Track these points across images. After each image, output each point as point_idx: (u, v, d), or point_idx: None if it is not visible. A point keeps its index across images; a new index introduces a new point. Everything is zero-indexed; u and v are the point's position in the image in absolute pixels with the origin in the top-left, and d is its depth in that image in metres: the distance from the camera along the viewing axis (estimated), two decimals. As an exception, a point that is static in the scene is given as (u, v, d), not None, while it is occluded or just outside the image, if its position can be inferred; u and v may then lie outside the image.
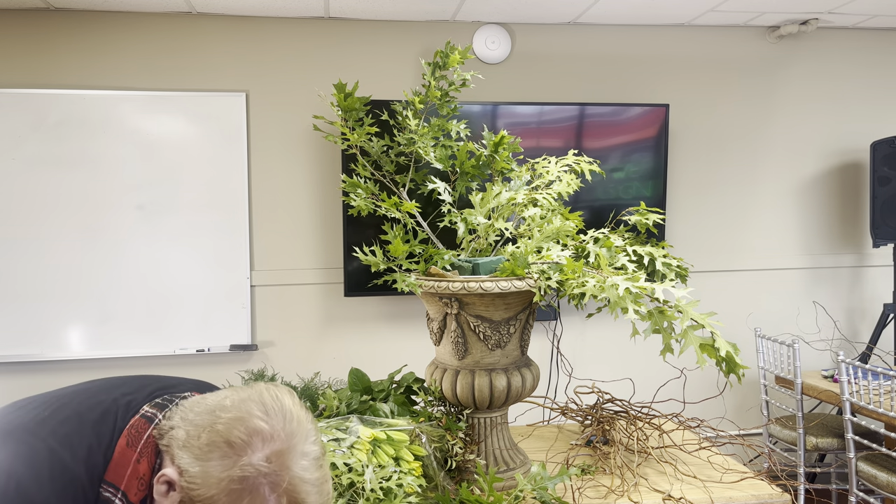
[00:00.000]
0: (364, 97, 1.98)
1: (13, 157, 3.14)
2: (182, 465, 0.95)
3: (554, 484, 1.64)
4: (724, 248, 3.70)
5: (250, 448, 0.94)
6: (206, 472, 0.93)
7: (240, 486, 0.93)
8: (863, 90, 3.74)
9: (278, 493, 0.95)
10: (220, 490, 0.93)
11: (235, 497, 0.93)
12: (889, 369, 2.74)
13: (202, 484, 0.93)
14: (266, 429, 0.96)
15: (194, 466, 0.94)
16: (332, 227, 3.38)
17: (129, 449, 0.98)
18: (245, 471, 0.93)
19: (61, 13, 3.19)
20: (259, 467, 0.94)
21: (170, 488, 0.97)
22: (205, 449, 0.94)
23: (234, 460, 0.93)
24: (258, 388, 1.01)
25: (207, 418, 0.97)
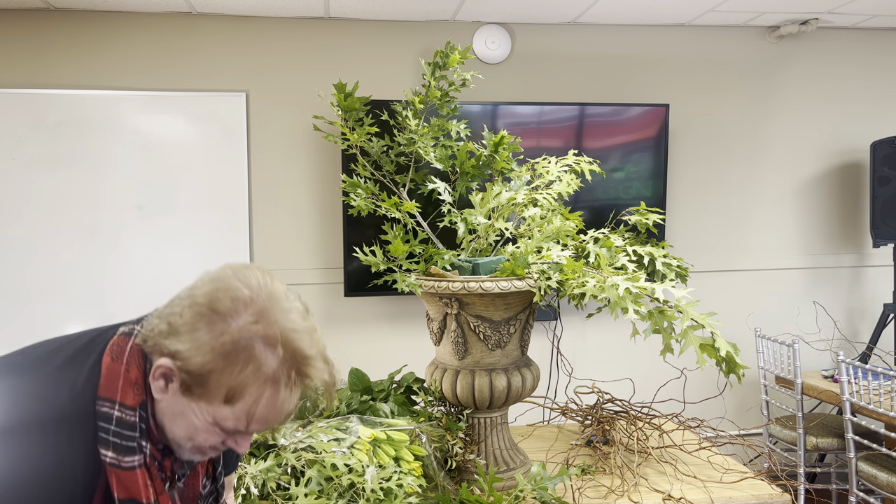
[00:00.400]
0: (364, 97, 1.98)
1: (13, 157, 3.14)
2: (172, 349, 0.93)
3: (554, 484, 1.64)
4: (724, 248, 3.70)
5: (235, 312, 0.93)
6: (196, 343, 0.92)
7: (233, 347, 0.91)
8: (863, 90, 3.74)
9: (274, 347, 0.94)
10: (214, 355, 0.91)
11: (232, 360, 0.92)
12: (889, 369, 2.74)
13: (196, 354, 0.92)
14: (246, 293, 0.95)
15: (184, 343, 0.92)
16: (332, 227, 3.38)
17: (115, 363, 0.97)
18: (235, 333, 0.92)
19: (61, 13, 3.19)
20: (248, 327, 0.93)
21: (167, 379, 0.95)
22: (191, 323, 0.93)
23: (223, 326, 0.92)
24: (227, 267, 1.00)
25: (186, 300, 0.95)
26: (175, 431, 0.99)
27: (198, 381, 0.93)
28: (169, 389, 0.96)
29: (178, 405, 0.96)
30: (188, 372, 0.92)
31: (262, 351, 0.93)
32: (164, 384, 0.96)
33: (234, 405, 0.94)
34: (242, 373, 0.92)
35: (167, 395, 0.96)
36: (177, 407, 0.96)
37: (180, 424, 0.97)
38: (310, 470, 1.51)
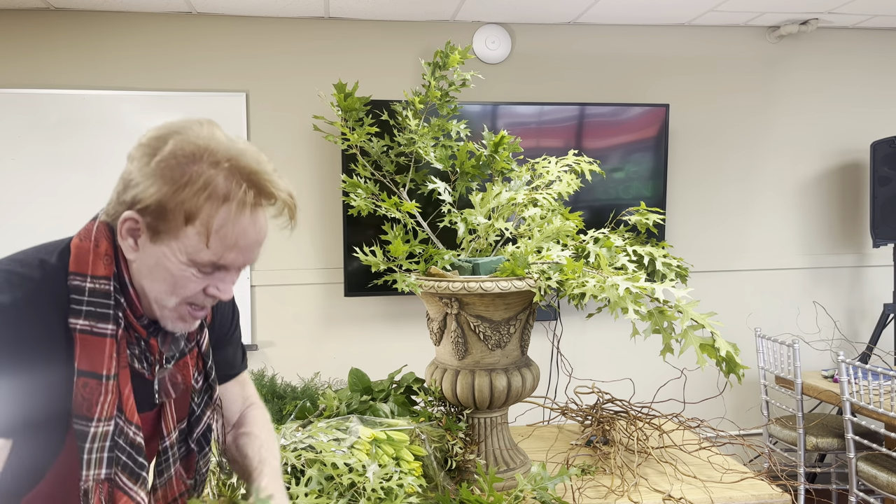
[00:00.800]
0: (364, 97, 1.98)
1: (13, 157, 3.14)
2: (129, 198, 0.94)
3: (554, 484, 1.64)
4: (724, 248, 3.70)
5: (177, 137, 0.94)
6: (145, 177, 0.93)
7: (176, 163, 0.92)
8: (863, 90, 3.74)
9: (217, 163, 0.93)
10: (162, 179, 0.92)
11: (177, 178, 0.92)
12: (889, 369, 2.74)
13: (147, 187, 0.92)
14: (190, 126, 0.95)
15: (137, 186, 0.94)
16: (332, 227, 3.38)
17: (84, 242, 0.98)
18: (176, 151, 0.92)
19: (61, 13, 3.19)
20: (189, 144, 0.93)
21: (133, 234, 0.96)
22: (139, 167, 0.94)
23: (164, 149, 0.93)
24: None
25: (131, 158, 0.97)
26: (156, 290, 0.98)
27: (158, 216, 0.93)
28: (139, 244, 0.96)
29: (151, 256, 0.96)
30: (148, 212, 0.93)
31: (208, 167, 0.93)
32: (133, 241, 0.96)
33: (198, 228, 0.93)
34: (192, 190, 0.92)
35: (138, 251, 0.97)
36: (151, 259, 0.96)
37: (159, 278, 0.97)
38: (310, 469, 1.51)
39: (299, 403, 1.84)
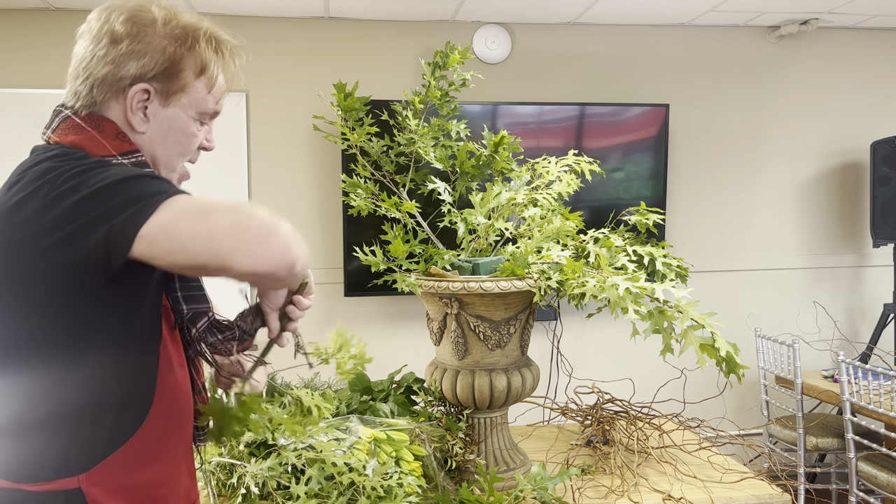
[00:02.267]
0: (364, 97, 1.98)
1: (13, 157, 3.14)
2: (131, 74, 0.98)
3: (554, 484, 1.64)
4: (724, 248, 3.70)
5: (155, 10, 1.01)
6: (151, 48, 0.98)
7: (182, 30, 1.01)
8: (863, 90, 3.74)
9: (203, 21, 1.05)
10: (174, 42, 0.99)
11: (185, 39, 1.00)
12: (889, 369, 2.74)
13: (157, 54, 0.98)
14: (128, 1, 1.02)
15: (139, 60, 0.98)
16: (332, 227, 3.38)
17: (82, 136, 0.98)
18: (180, 21, 1.01)
19: (61, 13, 3.19)
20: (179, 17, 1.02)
21: (145, 104, 1.00)
22: (132, 44, 0.99)
23: (158, 22, 1.00)
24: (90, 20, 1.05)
25: (96, 48, 1.01)
26: (169, 153, 1.04)
27: (170, 77, 1.00)
28: (149, 113, 1.00)
29: (164, 121, 1.01)
30: (159, 77, 0.99)
31: (203, 26, 1.04)
32: (143, 112, 1.00)
33: (206, 79, 1.03)
34: (202, 45, 1.02)
35: (149, 121, 1.01)
36: (164, 124, 1.02)
37: (173, 140, 1.03)
38: (310, 469, 1.51)
39: (299, 403, 1.84)
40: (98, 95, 0.99)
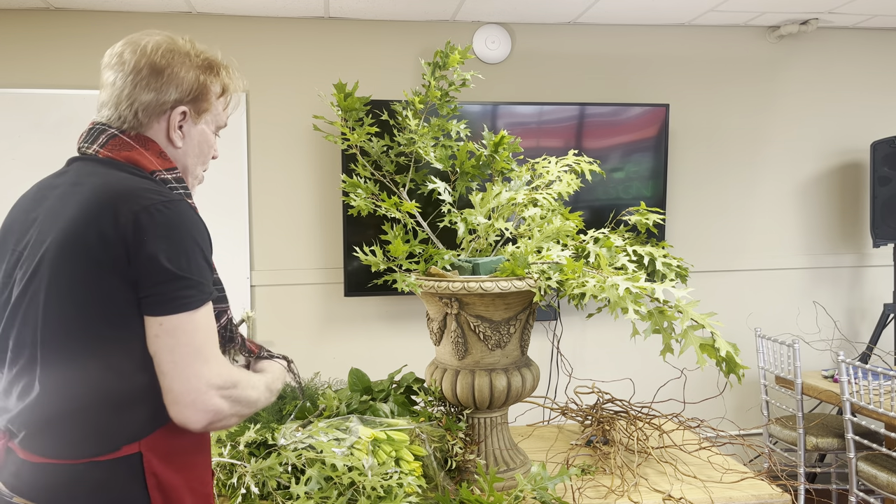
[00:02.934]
0: (364, 97, 1.98)
1: (13, 157, 3.14)
2: (170, 99, 1.17)
3: (554, 484, 1.64)
4: (724, 248, 3.70)
5: (182, 43, 1.21)
6: (183, 76, 1.18)
7: (206, 61, 1.23)
8: (863, 90, 3.74)
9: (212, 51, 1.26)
10: (203, 72, 1.21)
11: (213, 67, 1.23)
12: (889, 369, 2.74)
13: (192, 81, 1.19)
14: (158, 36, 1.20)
15: (172, 85, 1.17)
16: (332, 227, 3.38)
17: (131, 152, 1.15)
18: (202, 53, 1.23)
19: (61, 13, 3.19)
20: (197, 46, 1.23)
21: (182, 122, 1.20)
22: (164, 72, 1.16)
23: (186, 53, 1.20)
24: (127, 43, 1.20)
25: (129, 77, 1.16)
26: (197, 163, 1.26)
27: (201, 98, 1.20)
28: (185, 130, 1.21)
29: (196, 135, 1.23)
30: (193, 99, 1.19)
31: (219, 57, 1.27)
32: (181, 130, 1.20)
33: (224, 98, 1.27)
34: (224, 72, 1.25)
35: (185, 137, 1.21)
36: (196, 138, 1.23)
37: (201, 152, 1.25)
38: (310, 469, 1.51)
39: (299, 403, 1.84)
40: (143, 118, 1.16)
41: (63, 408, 1.05)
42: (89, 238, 1.03)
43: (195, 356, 1.04)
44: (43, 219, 1.11)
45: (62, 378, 1.04)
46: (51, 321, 1.04)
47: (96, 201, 1.05)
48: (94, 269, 1.03)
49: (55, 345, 1.04)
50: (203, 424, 1.05)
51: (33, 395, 1.06)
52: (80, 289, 1.03)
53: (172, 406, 1.04)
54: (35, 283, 1.06)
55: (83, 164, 1.15)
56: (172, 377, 1.04)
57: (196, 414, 1.04)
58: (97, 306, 1.04)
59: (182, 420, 1.05)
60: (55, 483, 1.05)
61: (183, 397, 1.03)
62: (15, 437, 1.09)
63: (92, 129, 1.17)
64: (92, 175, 1.11)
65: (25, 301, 1.06)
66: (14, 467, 1.08)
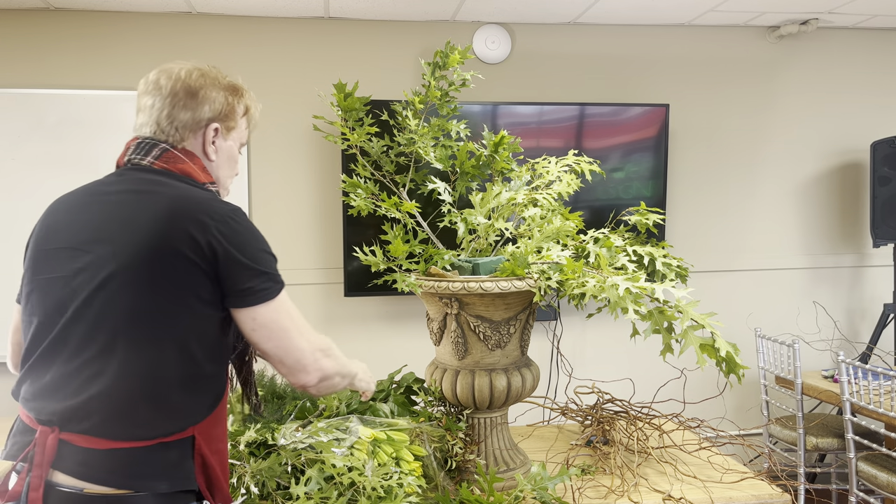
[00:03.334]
0: (364, 97, 1.98)
1: (13, 157, 3.14)
2: (204, 118, 1.32)
3: (554, 484, 1.64)
4: (724, 248, 3.70)
5: (211, 70, 1.37)
6: (215, 97, 1.33)
7: (231, 83, 1.38)
8: (863, 90, 3.74)
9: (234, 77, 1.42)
10: (230, 94, 1.36)
11: (237, 89, 1.38)
12: (889, 369, 2.74)
13: (222, 102, 1.34)
14: (189, 64, 1.38)
15: (205, 105, 1.32)
16: (332, 227, 3.38)
17: (186, 164, 1.29)
18: (225, 77, 1.38)
19: (61, 13, 3.19)
20: (221, 74, 1.38)
21: (216, 136, 1.34)
22: (196, 95, 1.31)
23: (214, 76, 1.36)
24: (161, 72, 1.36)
25: (168, 99, 1.31)
26: (228, 175, 1.40)
27: (230, 117, 1.36)
28: (217, 145, 1.34)
29: (226, 150, 1.37)
30: (224, 117, 1.34)
31: (240, 82, 1.41)
32: (214, 146, 1.34)
33: (248, 118, 1.41)
34: (247, 94, 1.40)
35: (218, 152, 1.35)
36: (226, 152, 1.37)
37: (230, 165, 1.39)
38: (310, 470, 1.51)
39: (299, 403, 1.84)
40: (183, 133, 1.31)
41: (142, 391, 1.15)
42: (178, 243, 1.16)
43: (291, 334, 1.23)
44: (108, 222, 1.21)
45: (143, 364, 1.15)
46: (134, 314, 1.15)
47: (179, 210, 1.19)
48: (182, 269, 1.16)
49: (137, 334, 1.16)
50: (316, 381, 1.26)
51: (107, 381, 1.14)
52: (166, 285, 1.16)
53: (290, 376, 1.25)
54: (113, 280, 1.16)
55: (139, 173, 1.27)
56: (280, 356, 1.23)
57: (309, 375, 1.25)
58: (181, 302, 1.17)
59: (301, 383, 1.25)
60: (128, 465, 1.13)
61: (296, 367, 1.24)
62: (72, 427, 1.14)
63: (141, 143, 1.30)
64: (159, 185, 1.24)
65: (100, 297, 1.16)
66: (79, 457, 1.13)
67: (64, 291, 1.20)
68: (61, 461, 1.13)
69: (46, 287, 1.23)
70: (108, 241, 1.18)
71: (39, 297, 1.24)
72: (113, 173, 1.31)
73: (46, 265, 1.25)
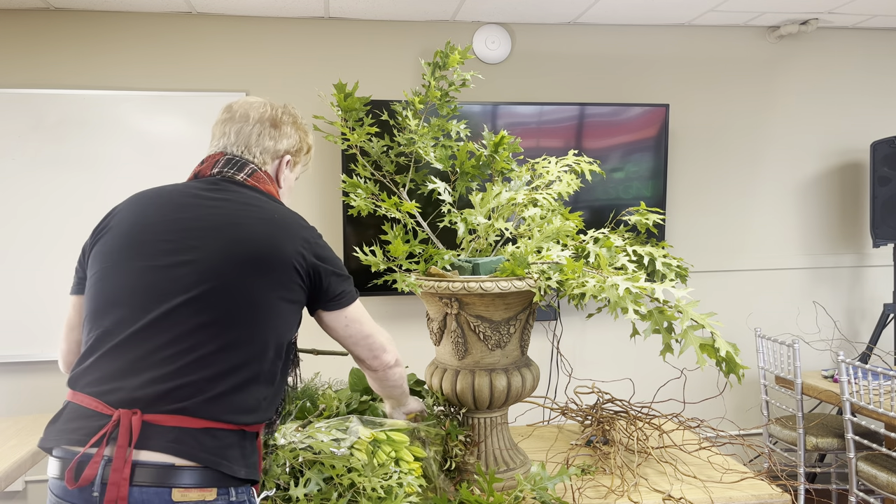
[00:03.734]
0: (364, 97, 1.97)
1: (13, 157, 3.14)
2: (282, 149, 1.49)
3: (554, 484, 1.64)
4: (724, 248, 3.70)
5: (286, 111, 1.53)
6: (292, 134, 1.52)
7: (303, 123, 1.57)
8: (863, 90, 3.74)
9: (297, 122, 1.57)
10: (304, 133, 1.56)
11: (306, 129, 1.57)
12: (889, 369, 2.74)
13: (295, 139, 1.52)
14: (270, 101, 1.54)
15: (285, 139, 1.50)
16: (332, 227, 3.38)
17: (270, 185, 1.46)
18: (298, 117, 1.56)
19: (61, 13, 3.19)
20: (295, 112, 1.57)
21: (288, 165, 1.51)
22: (276, 129, 1.49)
23: (291, 115, 1.54)
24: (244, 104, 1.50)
25: (255, 127, 1.47)
26: (290, 202, 1.54)
27: (297, 152, 1.53)
28: (285, 174, 1.51)
29: (290, 179, 1.54)
30: (293, 152, 1.52)
31: (305, 122, 1.58)
32: (283, 174, 1.50)
33: (308, 155, 1.58)
34: (309, 135, 1.57)
35: (285, 180, 1.51)
36: (290, 180, 1.54)
37: (288, 194, 1.55)
38: (309, 471, 1.51)
39: (299, 403, 1.84)
40: (264, 157, 1.47)
41: (235, 381, 1.24)
42: (288, 254, 1.32)
43: (372, 325, 1.51)
44: (216, 222, 1.32)
45: (238, 357, 1.25)
46: (237, 309, 1.27)
47: (289, 226, 1.37)
48: (286, 277, 1.32)
49: (237, 329, 1.26)
50: (394, 360, 1.57)
51: (204, 368, 1.22)
52: (268, 287, 1.30)
53: (374, 360, 1.53)
54: (221, 277, 1.27)
55: (234, 185, 1.40)
56: (369, 343, 1.51)
57: (389, 354, 1.55)
58: (277, 304, 1.31)
59: (385, 362, 1.55)
60: (217, 446, 1.21)
61: (381, 349, 1.53)
62: (162, 408, 1.19)
63: (232, 159, 1.43)
64: (260, 201, 1.39)
65: (207, 290, 1.26)
66: (172, 434, 1.19)
67: (164, 281, 1.26)
68: (146, 441, 1.18)
69: (138, 275, 1.28)
70: (218, 238, 1.30)
71: (123, 281, 1.29)
72: (203, 180, 1.41)
73: (139, 254, 1.30)
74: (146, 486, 1.16)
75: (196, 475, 1.18)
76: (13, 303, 3.16)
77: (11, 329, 3.17)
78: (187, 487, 1.17)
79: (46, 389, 3.25)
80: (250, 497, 1.27)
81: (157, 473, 1.16)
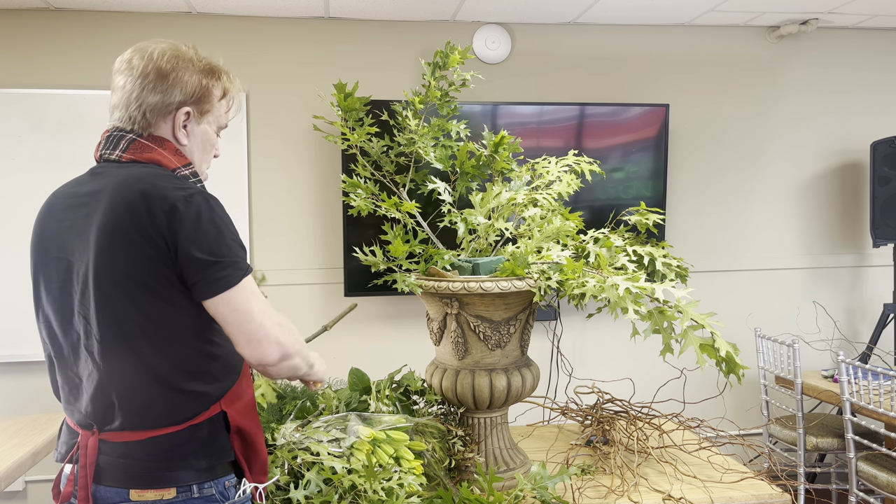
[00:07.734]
0: (364, 97, 1.98)
1: (13, 157, 3.14)
2: (174, 101, 1.27)
3: (554, 484, 1.64)
4: (724, 248, 3.70)
5: (187, 50, 1.32)
6: (187, 81, 1.28)
7: (209, 65, 1.33)
8: (863, 90, 3.74)
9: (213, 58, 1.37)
10: (205, 76, 1.31)
11: (215, 71, 1.33)
12: (889, 369, 2.74)
13: (194, 85, 1.29)
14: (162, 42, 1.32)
15: (177, 88, 1.27)
16: (332, 227, 3.38)
17: (153, 153, 1.26)
18: (204, 58, 1.33)
19: (61, 13, 3.19)
20: (200, 54, 1.34)
21: (186, 122, 1.30)
22: (168, 77, 1.27)
23: (190, 59, 1.30)
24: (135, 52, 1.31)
25: (138, 82, 1.27)
26: (203, 160, 1.36)
27: (204, 100, 1.31)
28: (189, 129, 1.30)
29: (199, 134, 1.32)
30: (196, 100, 1.29)
31: (220, 63, 1.37)
32: (185, 129, 1.30)
33: (226, 101, 1.36)
34: (225, 76, 1.35)
35: (189, 136, 1.31)
36: (199, 136, 1.32)
37: (205, 149, 1.35)
38: (308, 473, 1.51)
39: (299, 403, 1.84)
40: (151, 118, 1.27)
41: (153, 385, 1.19)
42: (133, 237, 1.15)
43: (252, 315, 1.19)
44: (82, 226, 1.20)
45: (145, 360, 1.19)
46: (120, 314, 1.17)
47: (131, 203, 1.16)
48: (145, 264, 1.16)
49: (128, 333, 1.18)
50: (278, 357, 1.21)
51: (120, 381, 1.19)
52: (136, 281, 1.17)
53: (246, 349, 1.20)
54: (97, 286, 1.17)
55: (108, 169, 1.25)
56: (240, 333, 1.19)
57: (269, 347, 1.20)
58: (154, 294, 1.17)
59: (259, 356, 1.20)
60: (166, 449, 1.20)
61: (253, 337, 1.19)
62: (107, 426, 1.20)
63: (110, 136, 1.28)
64: (119, 179, 1.21)
65: (92, 302, 1.18)
66: (119, 450, 1.19)
67: (66, 300, 1.23)
68: (107, 455, 1.20)
69: (52, 298, 1.25)
70: (86, 244, 1.19)
71: (50, 308, 1.26)
72: (88, 171, 1.29)
73: (47, 276, 1.26)
74: (109, 487, 1.20)
75: (150, 480, 1.19)
76: (13, 303, 3.16)
77: (12, 329, 3.17)
78: (143, 489, 1.19)
79: (47, 389, 3.24)
80: (225, 489, 1.25)
81: (117, 479, 1.20)
